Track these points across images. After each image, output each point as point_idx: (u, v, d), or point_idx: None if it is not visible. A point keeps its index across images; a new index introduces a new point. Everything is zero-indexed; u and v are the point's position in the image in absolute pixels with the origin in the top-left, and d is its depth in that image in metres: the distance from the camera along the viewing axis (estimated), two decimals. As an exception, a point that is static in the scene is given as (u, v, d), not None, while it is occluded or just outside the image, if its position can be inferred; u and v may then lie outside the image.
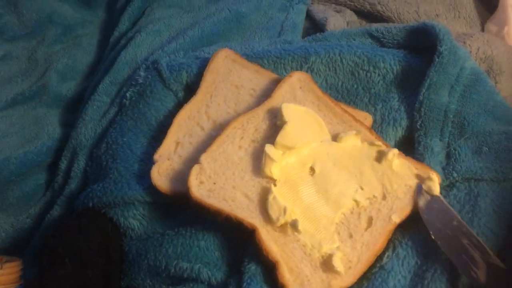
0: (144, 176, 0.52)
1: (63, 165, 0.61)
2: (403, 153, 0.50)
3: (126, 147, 0.55)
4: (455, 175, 0.48)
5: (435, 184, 0.47)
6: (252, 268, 0.45)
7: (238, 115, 0.53)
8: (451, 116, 0.52)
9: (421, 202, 0.46)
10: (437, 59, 0.53)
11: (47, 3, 0.76)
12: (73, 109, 0.69)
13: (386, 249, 0.46)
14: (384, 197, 0.48)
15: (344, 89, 0.58)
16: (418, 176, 0.48)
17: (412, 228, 0.47)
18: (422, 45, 0.57)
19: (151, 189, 0.50)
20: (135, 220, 0.51)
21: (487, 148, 0.49)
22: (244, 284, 0.44)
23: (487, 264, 0.41)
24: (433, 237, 0.44)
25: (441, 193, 0.47)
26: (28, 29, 0.75)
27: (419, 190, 0.47)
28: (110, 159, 0.55)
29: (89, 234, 0.51)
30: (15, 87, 0.70)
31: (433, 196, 0.46)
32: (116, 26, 0.72)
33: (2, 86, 0.70)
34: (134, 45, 0.66)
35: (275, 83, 0.55)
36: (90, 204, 0.52)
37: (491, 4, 0.73)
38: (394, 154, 0.49)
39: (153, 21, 0.69)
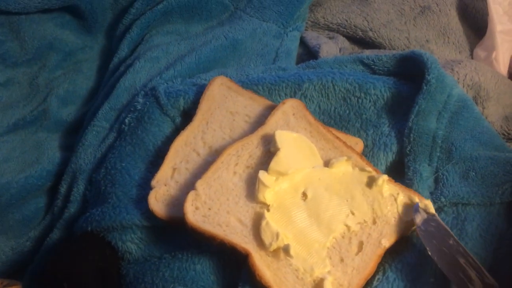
0: (141, 200, 0.54)
1: (62, 189, 0.62)
2: (394, 177, 0.52)
3: (124, 172, 0.56)
4: (443, 199, 0.50)
5: (430, 204, 0.48)
6: (246, 292, 0.46)
7: (233, 141, 0.54)
8: (439, 141, 0.54)
9: (418, 220, 0.47)
10: (425, 87, 0.55)
11: (49, 30, 0.77)
12: (73, 134, 0.70)
13: (376, 272, 0.47)
14: (374, 222, 0.49)
15: (337, 115, 0.59)
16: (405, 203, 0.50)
17: (401, 251, 0.48)
18: (411, 72, 0.58)
19: (149, 214, 0.51)
20: (132, 244, 0.52)
21: (474, 173, 0.51)
22: (239, 307, 0.45)
23: (483, 283, 0.42)
24: (429, 254, 0.45)
25: (429, 217, 0.49)
26: (29, 55, 0.76)
27: (416, 208, 0.48)
28: (109, 184, 0.56)
29: (87, 258, 0.52)
30: (17, 112, 0.71)
31: (429, 215, 0.47)
32: (116, 52, 0.74)
33: (4, 111, 0.71)
34: (133, 72, 0.67)
35: (269, 109, 0.56)
36: (89, 228, 0.53)
37: (480, 30, 0.75)
38: (384, 180, 0.50)
39: (152, 47, 0.71)
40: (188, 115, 0.60)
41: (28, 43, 0.76)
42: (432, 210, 0.48)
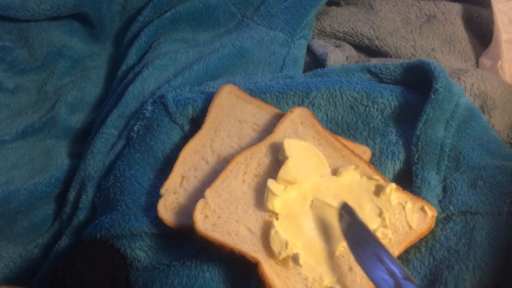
0: (150, 208, 0.54)
1: (71, 196, 0.63)
2: (401, 186, 0.52)
3: (133, 180, 0.57)
4: (451, 208, 0.50)
5: None
6: (256, 300, 0.46)
7: (241, 149, 0.55)
8: (447, 150, 0.54)
9: (343, 225, 0.48)
10: (433, 96, 0.55)
11: (57, 37, 0.78)
12: (81, 141, 0.70)
13: (385, 281, 0.47)
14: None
15: (344, 123, 0.59)
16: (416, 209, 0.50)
17: (410, 260, 0.48)
18: (418, 81, 0.59)
19: (158, 221, 0.52)
20: (141, 251, 0.53)
21: (482, 182, 0.51)
22: (248, 315, 0.45)
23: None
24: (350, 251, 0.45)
25: (437, 225, 0.49)
26: (38, 62, 0.77)
27: (340, 214, 0.48)
28: (118, 192, 0.57)
29: (96, 265, 0.52)
30: (25, 119, 0.72)
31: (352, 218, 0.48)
32: (124, 59, 0.74)
33: (13, 118, 0.72)
34: (142, 79, 0.68)
35: (277, 117, 0.57)
36: (98, 235, 0.53)
37: (486, 39, 0.75)
38: (392, 189, 0.50)
39: (160, 55, 0.71)
40: (196, 123, 0.60)
41: (36, 50, 0.77)
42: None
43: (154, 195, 0.55)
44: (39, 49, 0.77)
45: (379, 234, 0.48)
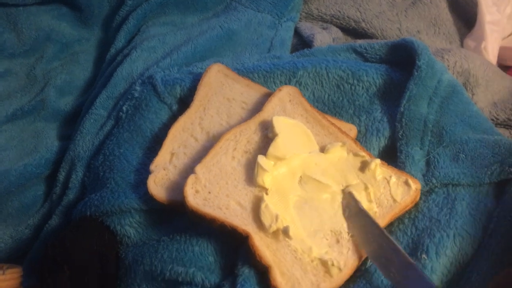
0: (139, 185, 0.55)
1: (61, 176, 0.63)
2: (386, 161, 0.53)
3: (122, 158, 0.57)
4: (434, 181, 0.51)
5: None
6: (245, 271, 0.47)
7: (230, 127, 0.55)
8: (430, 126, 0.55)
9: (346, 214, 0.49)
10: (416, 73, 0.56)
11: (46, 22, 0.78)
12: (70, 123, 0.71)
13: (370, 252, 0.48)
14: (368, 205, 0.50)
15: (331, 102, 0.60)
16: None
17: (394, 231, 0.49)
18: (402, 59, 0.60)
19: (147, 197, 0.52)
20: (131, 227, 0.53)
21: (464, 155, 0.52)
22: (238, 285, 0.46)
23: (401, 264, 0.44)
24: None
25: (421, 198, 0.50)
26: (27, 47, 0.77)
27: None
28: (107, 170, 0.57)
29: (86, 242, 0.53)
30: (15, 102, 0.72)
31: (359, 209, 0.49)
32: (112, 43, 0.75)
33: (2, 102, 0.72)
34: (130, 61, 0.68)
35: (265, 96, 0.58)
36: (88, 213, 0.54)
37: (470, 21, 0.76)
38: (376, 164, 0.51)
39: (148, 38, 0.72)
40: (184, 103, 0.61)
41: (25, 34, 0.77)
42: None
43: (143, 173, 0.55)
44: (27, 33, 0.77)
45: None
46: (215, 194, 0.50)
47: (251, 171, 0.51)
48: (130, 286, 0.52)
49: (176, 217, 0.53)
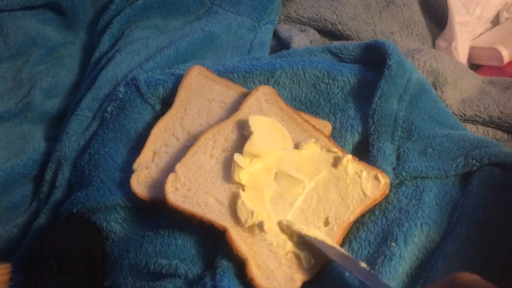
0: (124, 183, 0.56)
1: (48, 176, 0.65)
2: (360, 155, 0.55)
3: (107, 157, 0.59)
4: (404, 174, 0.53)
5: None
6: (224, 264, 0.49)
7: (210, 126, 0.57)
8: (400, 121, 0.57)
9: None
10: (386, 71, 0.59)
11: (31, 26, 0.79)
12: (57, 125, 0.72)
13: (342, 244, 0.51)
14: (340, 199, 0.52)
15: (307, 100, 0.63)
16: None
17: (365, 223, 0.52)
18: (375, 59, 0.62)
19: (131, 195, 0.54)
20: (116, 223, 0.55)
21: (431, 149, 0.55)
22: (218, 276, 0.48)
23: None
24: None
25: (391, 190, 0.53)
26: (13, 51, 0.78)
27: None
28: (92, 168, 0.59)
29: (73, 238, 0.54)
30: (2, 105, 0.73)
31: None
32: (97, 46, 0.76)
33: (-11, 105, 0.73)
34: (114, 64, 0.70)
35: (244, 96, 0.60)
36: (74, 210, 0.55)
37: (441, 22, 0.79)
38: (348, 160, 0.53)
39: (132, 41, 0.73)
40: (167, 103, 0.62)
41: (11, 39, 0.78)
42: None
43: (128, 171, 0.57)
44: (13, 38, 0.78)
45: None
46: (194, 191, 0.52)
47: (228, 168, 0.53)
48: (116, 279, 0.53)
49: (160, 213, 0.55)
